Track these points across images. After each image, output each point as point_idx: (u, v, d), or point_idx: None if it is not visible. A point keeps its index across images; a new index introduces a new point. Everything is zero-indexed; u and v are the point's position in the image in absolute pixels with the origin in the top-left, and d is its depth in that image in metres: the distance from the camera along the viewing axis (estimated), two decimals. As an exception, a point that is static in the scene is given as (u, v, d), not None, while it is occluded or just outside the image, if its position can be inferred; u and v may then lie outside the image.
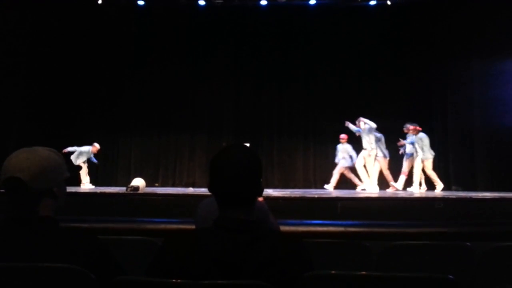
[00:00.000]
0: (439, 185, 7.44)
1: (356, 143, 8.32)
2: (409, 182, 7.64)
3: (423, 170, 7.56)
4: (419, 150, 7.44)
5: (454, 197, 3.87)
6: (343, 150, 8.43)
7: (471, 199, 3.80)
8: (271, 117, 8.52)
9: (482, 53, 8.32)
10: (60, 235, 1.39)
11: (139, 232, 2.91)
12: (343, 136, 8.46)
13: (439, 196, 4.14)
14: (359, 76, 9.94)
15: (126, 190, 4.30)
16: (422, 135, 7.59)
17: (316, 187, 9.69)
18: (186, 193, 4.43)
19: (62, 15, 8.82)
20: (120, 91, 10.01)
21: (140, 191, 4.34)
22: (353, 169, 8.25)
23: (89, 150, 8.61)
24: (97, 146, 8.64)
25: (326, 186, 8.44)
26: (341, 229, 3.02)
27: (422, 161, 7.43)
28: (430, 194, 4.89)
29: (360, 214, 3.51)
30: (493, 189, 7.46)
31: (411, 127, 7.68)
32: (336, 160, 8.52)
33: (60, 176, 1.48)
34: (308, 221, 3.25)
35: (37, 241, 1.35)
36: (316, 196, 3.85)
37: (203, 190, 4.95)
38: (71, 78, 9.43)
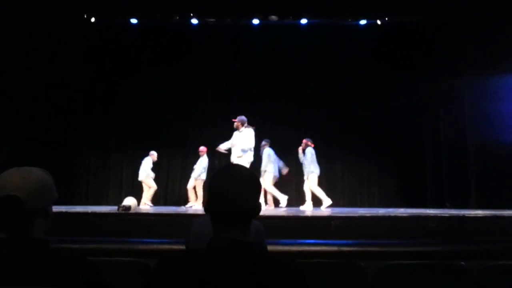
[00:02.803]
0: (309, 204, 7.55)
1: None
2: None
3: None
4: (308, 165, 7.57)
5: (447, 215, 3.87)
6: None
7: (464, 217, 3.80)
8: (263, 135, 8.52)
9: (472, 69, 8.35)
10: (52, 257, 1.36)
11: (131, 253, 2.87)
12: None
13: (432, 214, 4.14)
14: (351, 93, 10.03)
15: (118, 209, 4.24)
16: (309, 150, 7.70)
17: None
18: (178, 212, 4.38)
19: (55, 32, 8.83)
20: (111, 108, 9.98)
21: (132, 211, 4.28)
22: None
23: (149, 161, 8.53)
24: (154, 153, 8.52)
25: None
26: (335, 248, 3.01)
27: (308, 177, 7.59)
28: (424, 212, 4.89)
29: (353, 233, 3.50)
30: (487, 206, 7.48)
31: (304, 141, 7.86)
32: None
33: (52, 196, 1.47)
34: (302, 241, 3.22)
35: (30, 263, 1.32)
36: (309, 215, 3.83)
37: (195, 209, 4.93)
38: (62, 95, 9.41)
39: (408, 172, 9.83)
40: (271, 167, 7.89)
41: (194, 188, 8.64)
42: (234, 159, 6.91)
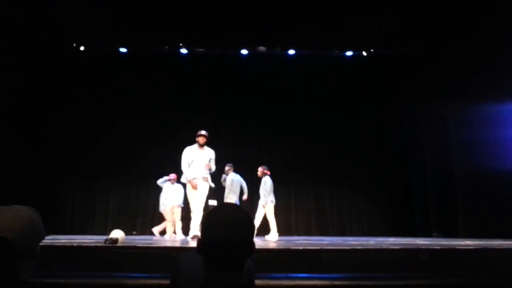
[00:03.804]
0: (274, 233, 7.35)
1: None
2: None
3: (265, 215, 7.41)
4: (267, 194, 7.36)
5: (438, 248, 3.86)
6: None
7: (455, 250, 3.79)
8: (251, 166, 8.53)
9: (458, 97, 8.48)
10: None
11: (118, 288, 2.78)
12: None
13: (423, 246, 4.13)
14: (338, 122, 10.17)
15: (105, 242, 4.14)
16: (268, 178, 7.50)
17: (298, 234, 9.61)
18: (166, 246, 4.29)
19: (44, 60, 8.81)
20: (98, 136, 9.90)
21: (119, 244, 4.19)
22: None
23: (169, 183, 8.44)
24: (172, 176, 8.42)
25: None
26: (327, 283, 2.95)
27: (263, 206, 7.36)
28: (415, 243, 4.88)
29: (345, 267, 3.45)
30: (475, 234, 7.49)
31: (260, 169, 7.65)
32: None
33: (40, 236, 1.43)
34: (293, 275, 3.16)
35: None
36: (301, 248, 3.78)
37: (182, 240, 4.85)
38: (48, 122, 9.31)
39: (395, 201, 9.88)
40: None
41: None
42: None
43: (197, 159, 6.36)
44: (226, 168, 8.05)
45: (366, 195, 10.11)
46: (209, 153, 6.48)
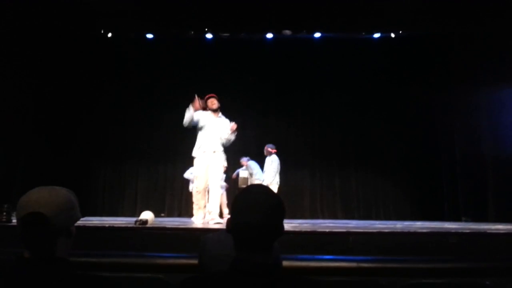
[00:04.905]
0: None
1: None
2: None
3: None
4: (271, 174, 7.27)
5: (468, 231, 3.80)
6: None
7: (485, 233, 3.72)
8: (277, 147, 8.54)
9: (489, 81, 8.23)
10: (74, 278, 1.36)
11: (148, 267, 2.86)
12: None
13: (452, 230, 4.07)
14: (365, 106, 10.00)
15: (135, 223, 4.26)
16: (273, 157, 7.44)
17: (323, 217, 9.62)
18: (194, 227, 4.38)
19: (73, 47, 9.02)
20: (126, 120, 10.10)
21: (148, 225, 4.30)
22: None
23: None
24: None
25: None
26: (354, 264, 2.96)
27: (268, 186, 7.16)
28: (443, 227, 4.81)
29: (372, 249, 3.45)
30: (505, 219, 7.32)
31: (267, 148, 7.58)
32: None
33: (76, 217, 1.48)
34: (320, 257, 3.18)
35: (52, 284, 1.32)
36: (327, 230, 3.79)
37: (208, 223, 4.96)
38: (78, 108, 9.58)
39: (423, 185, 9.72)
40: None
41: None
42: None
43: (210, 127, 5.37)
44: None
45: (393, 180, 9.99)
46: (225, 122, 5.49)
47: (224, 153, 5.45)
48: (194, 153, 5.46)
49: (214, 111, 5.48)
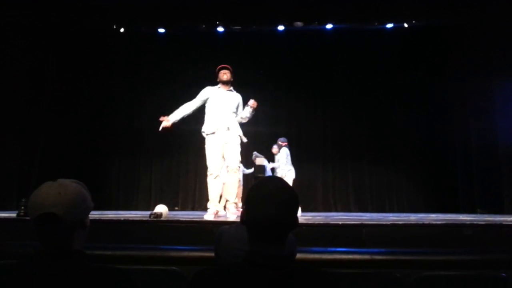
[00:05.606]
0: None
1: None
2: None
3: None
4: (284, 167, 7.14)
5: (483, 223, 3.76)
6: None
7: (501, 225, 3.68)
8: (289, 141, 8.53)
9: (504, 71, 8.11)
10: (90, 272, 1.38)
11: (163, 259, 2.89)
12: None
13: (467, 222, 4.03)
14: (378, 98, 9.91)
15: (150, 217, 4.30)
16: (284, 150, 7.33)
17: (336, 210, 9.60)
18: (208, 220, 4.41)
19: (85, 42, 9.11)
20: (139, 113, 10.17)
21: (163, 218, 4.34)
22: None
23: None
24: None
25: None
26: (368, 257, 2.95)
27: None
28: (457, 219, 4.76)
29: (385, 242, 3.43)
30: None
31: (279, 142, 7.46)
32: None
33: (88, 207, 1.50)
34: (333, 249, 3.17)
35: (69, 276, 1.34)
36: (340, 223, 3.78)
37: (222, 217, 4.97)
38: (93, 103, 9.68)
39: (438, 177, 9.62)
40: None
41: None
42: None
43: (221, 101, 4.73)
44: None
45: (407, 172, 9.91)
46: (236, 97, 4.92)
47: (240, 129, 4.83)
48: (204, 131, 4.82)
49: (225, 83, 4.86)
